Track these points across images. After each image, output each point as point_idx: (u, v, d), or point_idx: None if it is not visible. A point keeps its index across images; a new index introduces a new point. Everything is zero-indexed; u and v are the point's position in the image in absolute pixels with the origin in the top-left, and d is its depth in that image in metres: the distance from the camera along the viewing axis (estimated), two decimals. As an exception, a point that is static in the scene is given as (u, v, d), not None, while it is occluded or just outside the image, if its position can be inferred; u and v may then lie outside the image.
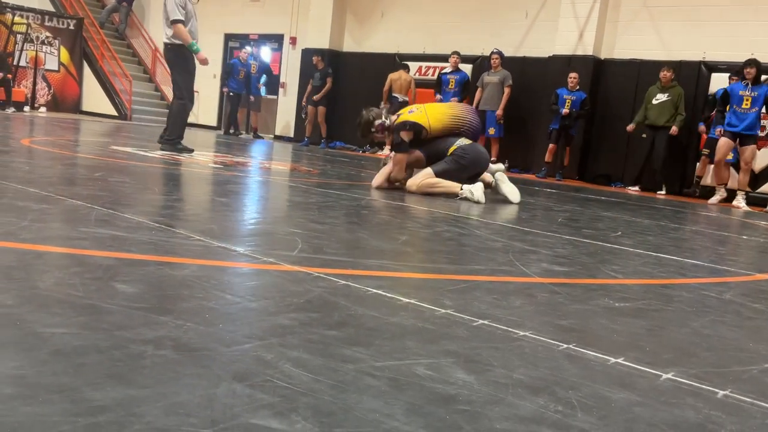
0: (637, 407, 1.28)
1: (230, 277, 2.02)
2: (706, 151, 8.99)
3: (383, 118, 5.25)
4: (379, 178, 5.22)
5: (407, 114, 5.26)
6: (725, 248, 4.32)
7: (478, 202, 4.89)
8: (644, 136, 9.28)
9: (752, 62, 7.89)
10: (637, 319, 1.98)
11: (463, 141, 5.21)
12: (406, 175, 5.25)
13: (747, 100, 7.98)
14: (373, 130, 5.25)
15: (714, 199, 8.48)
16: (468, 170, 5.20)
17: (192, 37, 6.80)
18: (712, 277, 2.98)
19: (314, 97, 12.54)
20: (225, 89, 13.67)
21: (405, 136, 5.11)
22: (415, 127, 5.13)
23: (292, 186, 5.20)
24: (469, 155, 5.19)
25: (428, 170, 5.09)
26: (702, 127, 9.05)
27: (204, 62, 6.82)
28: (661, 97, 9.12)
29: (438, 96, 11.05)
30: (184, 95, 7.02)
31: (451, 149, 5.14)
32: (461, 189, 4.99)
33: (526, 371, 1.41)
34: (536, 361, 1.49)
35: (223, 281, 1.93)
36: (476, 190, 4.95)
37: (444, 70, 11.29)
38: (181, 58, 6.85)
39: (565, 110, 9.83)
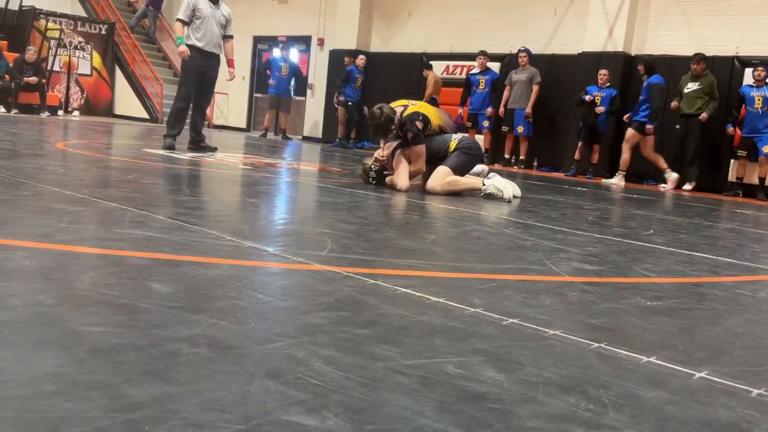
0: (669, 406, 1.27)
1: (261, 276, 2.05)
2: (743, 153, 8.82)
3: (397, 115, 5.04)
4: (403, 179, 4.96)
5: (412, 106, 5.15)
6: (760, 246, 4.25)
7: (509, 202, 4.87)
8: (677, 127, 9.16)
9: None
10: (669, 318, 1.96)
11: (456, 135, 5.25)
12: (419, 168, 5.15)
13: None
14: (393, 127, 5.00)
15: (614, 180, 9.26)
16: (477, 160, 5.24)
17: (202, 41, 6.90)
18: (746, 275, 2.94)
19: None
20: (341, 98, 12.41)
21: (420, 125, 5.02)
22: (425, 120, 5.06)
23: (320, 186, 5.23)
24: (474, 145, 5.25)
25: (445, 169, 4.99)
26: (730, 129, 8.91)
27: (181, 54, 6.84)
28: (692, 86, 9.00)
29: (460, 110, 11.07)
30: (178, 93, 7.23)
31: (453, 144, 5.11)
32: (483, 185, 4.99)
33: (557, 370, 1.41)
34: (567, 359, 1.48)
35: (254, 281, 1.95)
36: (505, 189, 4.93)
37: (472, 71, 11.24)
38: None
39: (587, 97, 9.73)
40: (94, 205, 2.96)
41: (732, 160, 9.21)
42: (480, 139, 11.32)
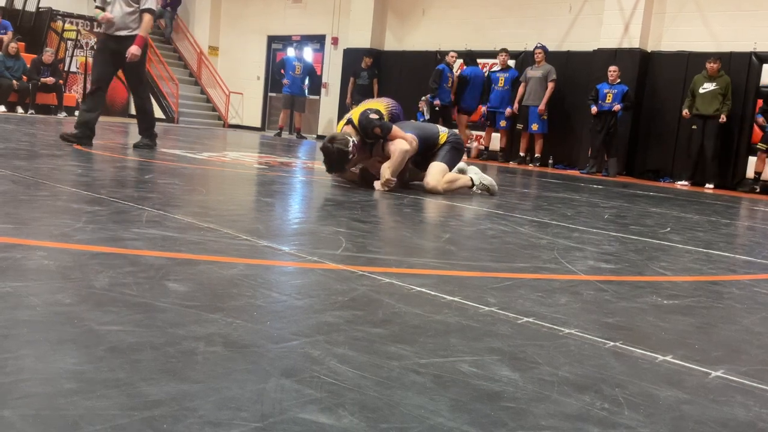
0: (685, 405, 1.27)
1: (277, 275, 2.06)
2: (763, 146, 8.75)
3: (350, 138, 4.59)
4: (388, 173, 4.65)
5: (354, 111, 4.76)
6: (779, 244, 4.20)
7: (495, 194, 5.08)
8: (694, 127, 9.09)
9: None
10: (685, 317, 1.95)
11: (442, 128, 5.13)
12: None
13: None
14: (350, 157, 4.60)
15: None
16: (461, 156, 5.17)
17: (110, 27, 6.28)
18: (764, 273, 2.91)
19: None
20: (436, 102, 11.05)
21: (375, 115, 4.64)
22: (376, 111, 4.70)
23: (335, 185, 5.24)
24: (461, 140, 5.17)
25: (443, 166, 4.87)
26: (761, 119, 8.81)
27: (103, 19, 6.22)
28: (708, 86, 8.94)
29: (483, 108, 11.10)
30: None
31: (443, 137, 4.95)
32: (473, 182, 5.03)
33: (572, 369, 1.40)
34: (582, 358, 1.48)
35: (269, 280, 1.97)
36: (491, 185, 5.07)
37: (493, 69, 11.21)
38: None
39: (593, 109, 9.69)
40: (111, 205, 2.99)
41: (750, 157, 9.13)
42: (496, 137, 11.31)
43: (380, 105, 4.95)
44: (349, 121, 4.74)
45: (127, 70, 6.50)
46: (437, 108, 11.11)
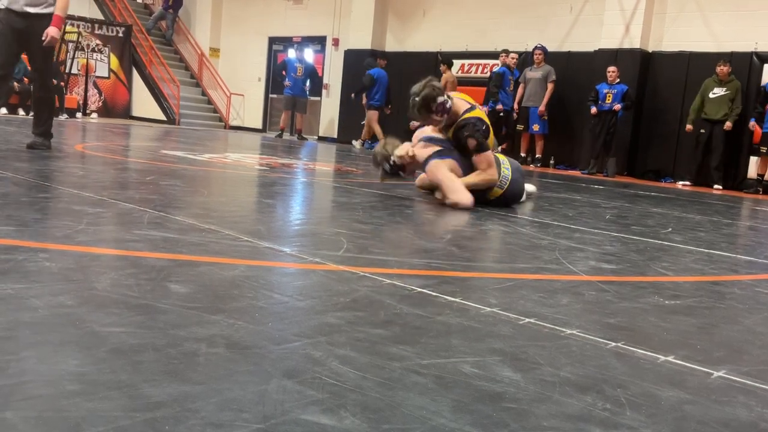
0: (687, 405, 1.27)
1: (278, 276, 2.06)
2: (763, 149, 8.74)
3: (445, 97, 4.13)
4: (463, 194, 4.12)
5: (480, 111, 4.28)
6: (780, 244, 4.20)
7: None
8: (702, 131, 9.09)
9: None
10: (687, 317, 1.95)
11: (508, 167, 4.37)
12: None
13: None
14: (433, 108, 4.13)
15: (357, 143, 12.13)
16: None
17: (15, 3, 5.21)
18: (766, 273, 2.91)
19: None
20: (499, 106, 10.48)
21: (476, 139, 4.17)
22: (487, 133, 4.22)
23: (336, 186, 5.25)
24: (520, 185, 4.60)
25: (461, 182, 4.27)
26: (752, 123, 8.83)
27: None
28: (718, 92, 8.93)
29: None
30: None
31: (505, 172, 4.32)
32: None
33: (574, 369, 1.40)
34: (584, 359, 1.48)
35: (271, 281, 1.97)
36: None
37: (495, 69, 11.21)
38: None
39: (593, 110, 9.70)
40: (112, 207, 2.99)
41: (752, 157, 9.13)
42: (496, 137, 11.30)
43: (485, 116, 4.41)
44: (471, 108, 4.25)
45: (34, 53, 5.40)
46: (501, 114, 10.51)
